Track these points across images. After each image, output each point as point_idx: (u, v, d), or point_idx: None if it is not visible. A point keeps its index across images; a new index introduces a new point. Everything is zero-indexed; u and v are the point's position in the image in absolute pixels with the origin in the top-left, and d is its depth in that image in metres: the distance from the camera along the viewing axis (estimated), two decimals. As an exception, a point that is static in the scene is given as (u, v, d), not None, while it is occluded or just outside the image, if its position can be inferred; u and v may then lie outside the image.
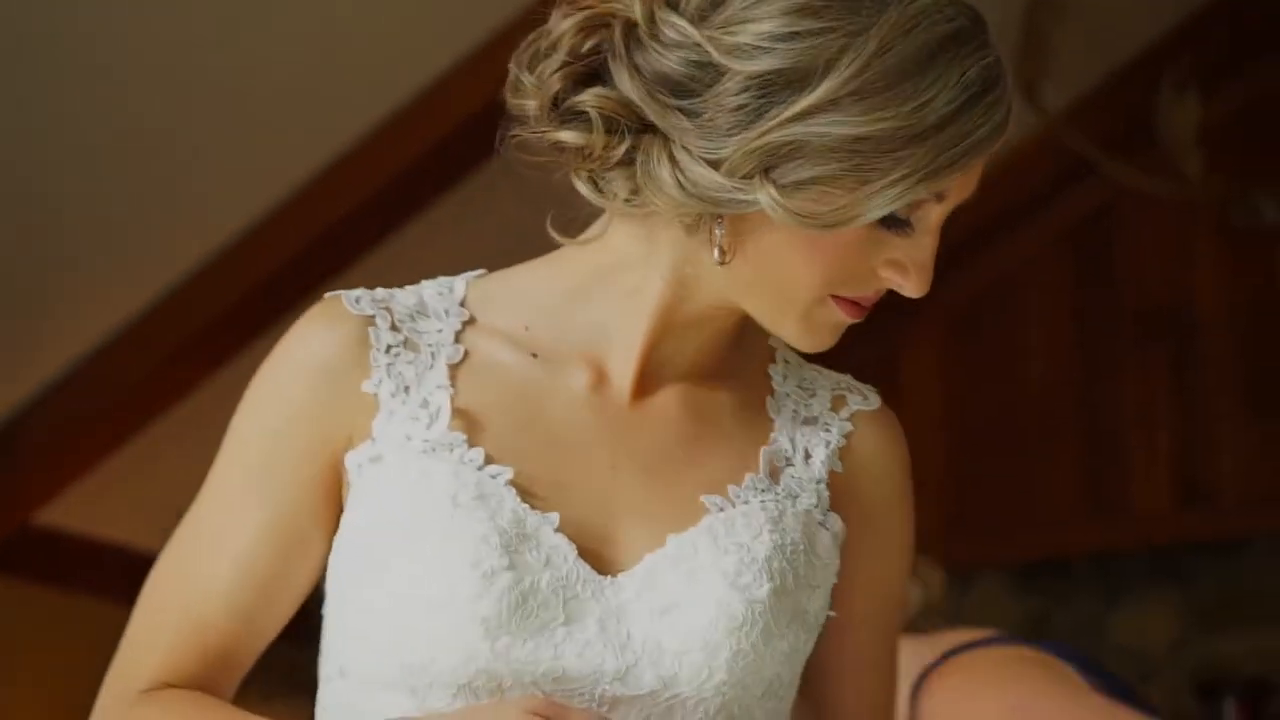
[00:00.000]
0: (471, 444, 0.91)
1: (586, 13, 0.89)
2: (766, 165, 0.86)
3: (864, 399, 1.00)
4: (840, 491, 0.97)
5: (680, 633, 0.89)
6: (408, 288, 0.97)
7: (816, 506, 0.96)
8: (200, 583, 0.93)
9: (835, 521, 0.96)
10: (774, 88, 0.85)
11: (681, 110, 0.87)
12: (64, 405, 3.40)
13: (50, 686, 3.50)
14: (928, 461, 4.11)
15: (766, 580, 0.90)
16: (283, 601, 0.94)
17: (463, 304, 0.96)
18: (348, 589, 0.91)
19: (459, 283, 0.98)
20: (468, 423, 0.92)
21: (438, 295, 0.96)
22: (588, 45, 0.88)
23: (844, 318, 0.93)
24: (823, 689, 1.00)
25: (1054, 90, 3.44)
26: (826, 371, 1.01)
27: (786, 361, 1.01)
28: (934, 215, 0.91)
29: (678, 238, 0.92)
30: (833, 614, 0.95)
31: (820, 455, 0.97)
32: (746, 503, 0.94)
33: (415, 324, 0.94)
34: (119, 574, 3.23)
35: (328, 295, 0.95)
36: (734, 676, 0.89)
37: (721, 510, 0.92)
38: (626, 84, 0.88)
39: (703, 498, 0.93)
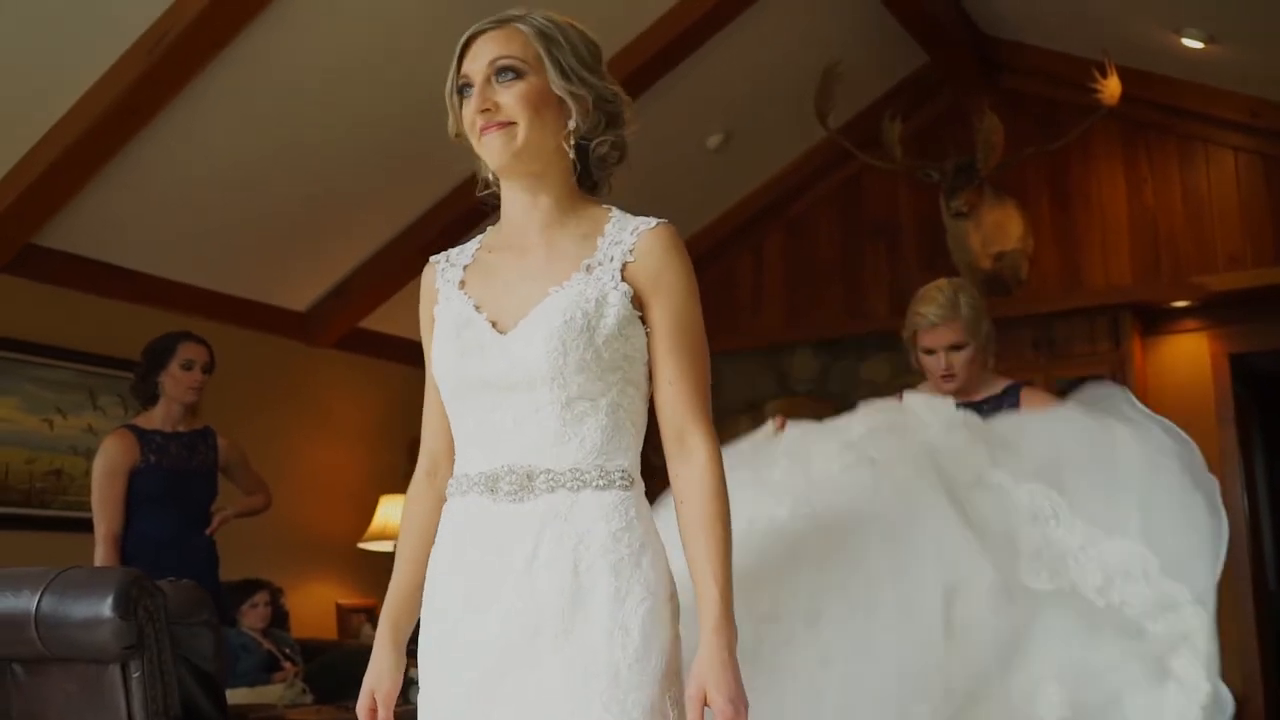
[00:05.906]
0: (466, 293, 1.49)
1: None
2: (607, 119, 1.46)
3: (647, 223, 1.45)
4: (633, 272, 1.42)
5: (531, 347, 1.40)
6: (470, 241, 1.53)
7: (610, 279, 1.41)
8: (428, 412, 1.56)
9: (625, 286, 1.41)
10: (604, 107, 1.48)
11: (602, 114, 1.47)
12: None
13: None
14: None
15: (560, 316, 1.39)
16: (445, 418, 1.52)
17: (479, 241, 1.54)
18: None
19: (486, 233, 1.54)
20: (466, 285, 1.49)
21: (475, 241, 1.53)
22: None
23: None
24: (656, 396, 1.45)
25: (834, 118, 4.73)
26: (641, 218, 1.46)
27: (618, 221, 1.48)
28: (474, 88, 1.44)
29: (550, 174, 1.47)
30: (650, 329, 1.43)
31: (617, 256, 1.42)
32: (571, 285, 1.42)
33: (460, 257, 1.54)
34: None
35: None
36: (553, 360, 1.38)
37: (558, 290, 1.42)
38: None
39: (550, 288, 1.42)
